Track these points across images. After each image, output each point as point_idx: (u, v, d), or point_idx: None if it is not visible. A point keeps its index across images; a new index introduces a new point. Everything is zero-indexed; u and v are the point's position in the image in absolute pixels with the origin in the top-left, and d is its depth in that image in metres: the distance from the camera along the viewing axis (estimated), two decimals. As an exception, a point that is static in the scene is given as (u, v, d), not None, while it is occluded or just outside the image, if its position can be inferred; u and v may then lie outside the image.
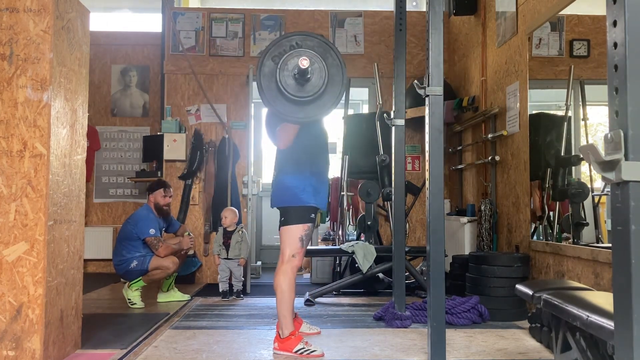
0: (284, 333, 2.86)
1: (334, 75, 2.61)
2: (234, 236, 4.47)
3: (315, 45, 2.61)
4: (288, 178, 2.95)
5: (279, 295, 2.88)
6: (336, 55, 2.64)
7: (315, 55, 2.57)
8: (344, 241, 5.20)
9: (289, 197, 2.92)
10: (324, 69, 2.57)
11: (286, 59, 2.55)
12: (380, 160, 4.67)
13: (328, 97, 2.61)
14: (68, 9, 2.72)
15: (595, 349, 1.84)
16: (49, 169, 2.52)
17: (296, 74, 2.53)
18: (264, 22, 5.88)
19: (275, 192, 3.01)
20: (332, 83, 2.60)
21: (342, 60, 2.64)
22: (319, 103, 2.61)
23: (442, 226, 2.63)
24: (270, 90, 2.61)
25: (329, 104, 2.63)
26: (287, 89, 2.56)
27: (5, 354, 2.44)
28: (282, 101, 2.61)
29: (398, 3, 3.64)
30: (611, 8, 1.20)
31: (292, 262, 2.89)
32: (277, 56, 2.58)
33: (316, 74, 2.56)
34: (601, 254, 2.88)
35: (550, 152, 3.78)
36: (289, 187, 2.93)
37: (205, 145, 5.70)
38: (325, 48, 2.62)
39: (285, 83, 2.55)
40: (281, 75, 2.55)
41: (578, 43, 3.56)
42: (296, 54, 2.55)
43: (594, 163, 1.20)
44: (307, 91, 2.57)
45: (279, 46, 2.60)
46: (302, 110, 2.62)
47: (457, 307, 3.51)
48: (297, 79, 2.54)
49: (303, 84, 2.56)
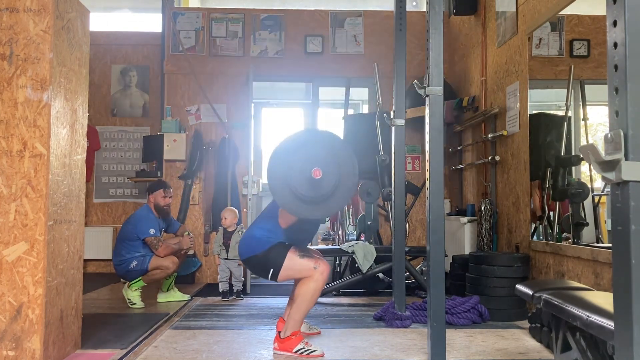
0: (287, 333, 2.85)
1: (346, 175, 2.60)
2: (234, 236, 4.47)
3: (321, 150, 2.60)
4: (258, 230, 2.89)
5: (300, 301, 2.79)
6: (350, 156, 2.62)
7: (327, 155, 2.57)
8: (344, 241, 5.20)
9: (255, 245, 2.84)
10: (335, 172, 2.56)
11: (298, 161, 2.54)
12: (380, 160, 4.67)
13: (337, 198, 2.61)
14: (68, 9, 2.72)
15: (595, 349, 1.84)
16: (49, 169, 2.52)
17: (309, 179, 2.53)
18: (264, 22, 5.88)
19: (241, 245, 2.93)
20: (344, 182, 2.60)
21: (354, 160, 2.62)
22: (333, 200, 2.60)
23: (442, 226, 2.63)
24: (283, 192, 2.59)
25: (338, 205, 2.65)
26: (302, 192, 2.55)
27: (5, 354, 2.44)
28: (292, 199, 2.59)
29: (398, 3, 3.64)
30: (611, 8, 1.20)
31: (320, 270, 2.78)
32: (285, 164, 2.56)
33: (327, 177, 2.55)
34: (601, 254, 2.88)
35: (550, 152, 3.78)
36: (256, 237, 2.86)
37: (205, 145, 5.70)
38: (342, 153, 2.62)
39: (301, 187, 2.55)
40: (294, 180, 2.54)
41: (578, 43, 3.56)
42: (306, 158, 2.54)
43: (594, 163, 1.20)
44: (323, 189, 2.56)
45: (287, 164, 2.57)
46: (313, 208, 2.61)
47: (457, 307, 3.51)
48: (311, 183, 2.53)
49: (315, 185, 2.55)
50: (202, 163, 5.67)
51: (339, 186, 2.58)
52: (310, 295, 2.78)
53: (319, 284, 2.78)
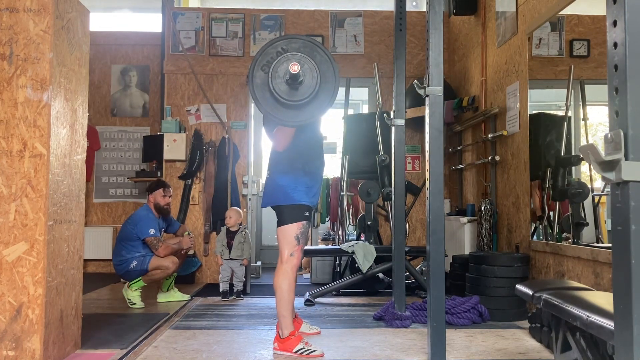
0: (284, 333, 2.86)
1: (326, 72, 2.59)
2: (237, 236, 4.47)
3: (300, 46, 2.60)
4: (280, 177, 2.94)
5: (279, 295, 2.88)
6: (324, 52, 2.62)
7: (303, 56, 2.56)
8: (344, 241, 5.20)
9: (281, 195, 2.92)
10: (314, 68, 2.56)
11: (275, 66, 2.54)
12: (380, 160, 4.67)
13: (323, 96, 2.60)
14: (68, 9, 2.72)
15: (595, 349, 1.84)
16: (49, 169, 2.52)
17: (288, 79, 2.52)
18: (264, 22, 5.88)
19: (267, 192, 3.00)
20: (325, 81, 2.59)
21: (330, 56, 2.63)
22: (315, 104, 2.60)
23: (442, 226, 2.63)
24: (265, 99, 2.60)
25: (325, 103, 2.62)
26: (282, 95, 2.54)
27: (5, 354, 2.44)
28: (278, 107, 2.60)
29: (398, 3, 3.64)
30: (611, 8, 1.20)
31: (291, 262, 2.88)
32: (266, 65, 2.57)
33: (308, 76, 2.55)
34: (601, 254, 2.88)
35: (550, 152, 3.78)
36: (280, 186, 2.92)
37: (205, 145, 5.70)
38: (311, 47, 2.60)
39: (279, 90, 2.54)
40: (274, 83, 2.54)
41: (578, 43, 3.56)
42: (284, 59, 2.54)
43: (594, 163, 1.20)
44: (301, 94, 2.56)
45: (265, 55, 2.59)
46: (299, 113, 2.61)
47: (457, 307, 3.51)
48: (290, 83, 2.53)
49: (297, 87, 2.54)
50: (202, 163, 5.67)
51: (319, 92, 2.58)
52: (286, 289, 2.87)
53: (288, 275, 2.88)
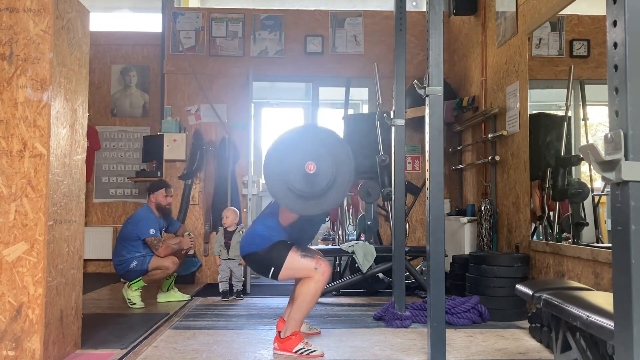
0: (287, 333, 2.85)
1: (342, 169, 2.60)
2: (234, 236, 4.47)
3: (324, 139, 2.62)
4: (261, 227, 2.89)
5: (302, 300, 2.78)
6: (346, 151, 2.63)
7: (322, 150, 2.57)
8: (344, 241, 5.20)
9: (258, 241, 2.83)
10: (330, 167, 2.56)
11: (289, 170, 2.54)
12: (380, 160, 4.67)
13: (334, 194, 2.60)
14: (68, 9, 2.72)
15: (595, 349, 1.84)
16: (49, 169, 2.52)
17: (304, 174, 2.52)
18: (264, 22, 5.88)
19: (243, 241, 2.93)
20: (341, 177, 2.60)
21: (350, 154, 2.63)
22: (331, 193, 2.60)
23: (442, 226, 2.63)
24: (284, 193, 2.59)
25: (334, 201, 2.64)
26: (300, 189, 2.55)
27: (5, 354, 2.44)
28: (295, 197, 2.59)
29: (398, 3, 3.64)
30: (611, 8, 1.20)
31: (320, 271, 2.77)
32: (280, 163, 2.57)
33: (323, 172, 2.54)
34: (601, 254, 2.88)
35: (550, 152, 3.78)
36: (260, 235, 2.85)
37: (205, 145, 5.70)
38: (342, 153, 2.63)
39: (298, 184, 2.55)
40: (291, 177, 2.54)
41: (578, 43, 3.56)
42: (307, 151, 2.54)
43: (594, 163, 1.20)
44: (319, 184, 2.56)
45: (279, 162, 2.57)
46: (314, 203, 2.60)
47: (457, 307, 3.51)
48: (305, 177, 2.53)
49: (310, 180, 2.55)
50: (202, 163, 5.67)
51: (335, 181, 2.58)
52: (311, 295, 2.77)
53: (320, 284, 2.77)
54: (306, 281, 2.79)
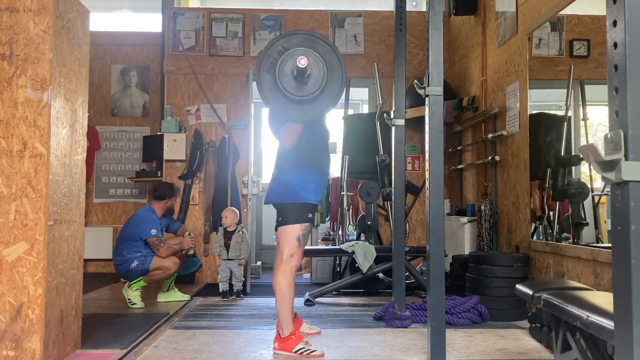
0: (284, 333, 2.86)
1: (331, 61, 2.59)
2: (234, 236, 4.47)
3: (300, 41, 2.60)
4: (289, 175, 2.93)
5: (279, 296, 2.88)
6: (325, 42, 2.62)
7: (306, 50, 2.56)
8: (344, 241, 5.20)
9: (288, 194, 2.89)
10: (319, 59, 2.56)
11: (281, 66, 2.54)
12: (380, 160, 4.67)
13: (332, 85, 2.60)
14: (68, 9, 2.72)
15: (595, 349, 1.84)
16: (49, 169, 2.52)
17: (296, 75, 2.52)
18: (264, 22, 5.88)
19: (272, 189, 2.97)
20: (332, 69, 2.59)
21: (332, 44, 2.64)
22: (326, 94, 2.60)
23: (442, 226, 2.63)
24: (277, 100, 2.60)
25: (335, 92, 2.62)
26: (293, 92, 2.55)
27: (5, 354, 2.44)
28: (290, 105, 2.60)
29: (398, 3, 3.64)
30: (611, 8, 1.20)
31: (291, 262, 2.88)
32: (271, 66, 2.57)
33: (314, 68, 2.55)
34: (601, 254, 2.88)
35: (550, 152, 3.78)
36: (288, 184, 2.90)
37: (205, 145, 5.70)
38: (311, 39, 2.61)
39: (289, 87, 2.55)
40: (283, 82, 2.54)
41: (578, 43, 3.56)
42: (288, 57, 2.54)
43: (594, 163, 1.20)
44: (311, 87, 2.56)
45: (267, 57, 2.59)
46: (312, 107, 2.61)
47: (457, 307, 3.51)
48: (299, 79, 2.53)
49: (306, 82, 2.55)
50: (202, 163, 5.67)
51: (326, 85, 2.58)
52: (286, 288, 2.87)
53: (287, 276, 2.87)
54: (276, 275, 2.90)
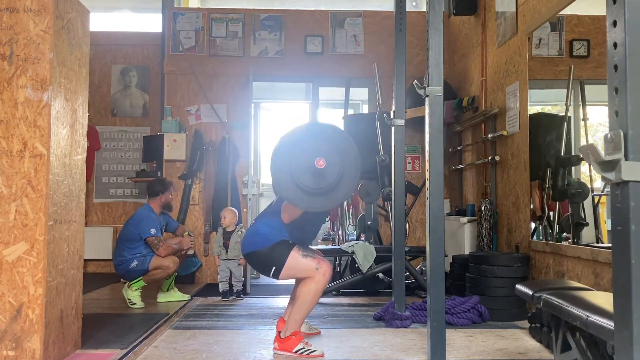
0: (287, 333, 2.85)
1: (341, 146, 2.61)
2: (233, 236, 4.47)
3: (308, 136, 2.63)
4: (263, 226, 2.89)
5: (303, 300, 2.78)
6: (327, 127, 2.65)
7: (315, 142, 2.58)
8: (344, 241, 5.20)
9: (259, 240, 2.83)
10: (339, 164, 2.56)
11: (295, 165, 2.55)
12: (380, 160, 4.67)
13: (341, 189, 2.61)
14: (68, 9, 2.72)
15: (595, 349, 1.84)
16: (49, 169, 2.52)
17: (311, 170, 2.52)
18: (264, 22, 5.88)
19: (245, 239, 2.93)
20: (346, 179, 2.60)
21: (335, 127, 2.67)
22: (346, 179, 2.61)
23: (442, 226, 2.63)
24: (300, 198, 2.60)
25: (344, 195, 2.65)
26: (315, 188, 2.55)
27: (5, 354, 2.44)
28: (295, 190, 2.59)
29: (398, 3, 3.64)
30: (611, 8, 1.20)
31: (321, 272, 2.77)
32: (285, 165, 2.57)
33: (330, 169, 2.54)
34: (601, 254, 2.88)
35: (550, 152, 3.78)
36: (262, 233, 2.85)
37: (205, 145, 5.70)
38: (344, 143, 2.65)
39: (311, 184, 2.56)
40: (303, 180, 2.54)
41: (578, 43, 3.56)
42: (299, 152, 2.54)
43: (594, 163, 1.20)
44: (330, 177, 2.56)
45: (278, 156, 2.58)
46: (313, 200, 2.60)
47: (457, 307, 3.51)
48: (317, 174, 2.53)
49: (318, 178, 2.55)
50: (202, 163, 5.67)
51: (342, 177, 2.58)
52: (312, 296, 2.77)
53: (320, 284, 2.77)
54: (307, 281, 2.78)
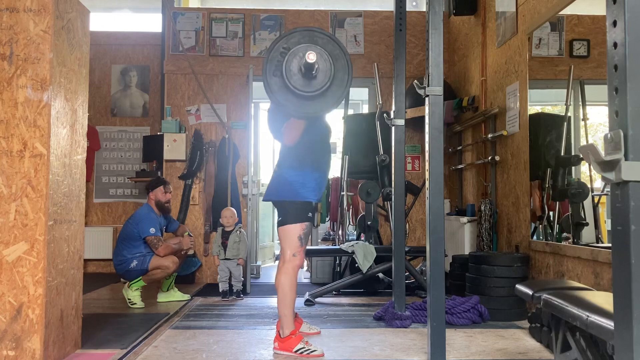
0: (285, 332, 2.86)
1: (333, 51, 2.56)
2: (231, 236, 4.47)
3: (300, 38, 2.55)
4: (289, 173, 2.92)
5: (281, 295, 2.88)
6: (324, 34, 2.59)
7: (308, 45, 2.52)
8: (344, 241, 5.20)
9: (288, 191, 2.89)
10: (322, 51, 2.53)
11: (287, 66, 2.51)
12: (380, 160, 4.67)
13: (340, 75, 2.58)
14: (68, 9, 2.72)
15: (595, 349, 1.84)
16: (49, 169, 2.52)
17: (304, 71, 2.49)
18: (264, 22, 5.88)
19: (273, 186, 2.97)
20: (337, 59, 2.56)
21: (331, 35, 2.61)
22: (334, 87, 2.57)
23: (442, 226, 2.63)
24: (289, 101, 2.57)
25: (344, 83, 2.59)
26: (304, 90, 2.52)
27: (5, 354, 2.44)
28: (290, 98, 2.57)
29: (398, 3, 3.64)
30: (611, 8, 1.20)
31: (294, 262, 2.88)
32: (277, 69, 2.53)
33: (320, 61, 2.52)
34: (601, 254, 2.88)
35: (550, 152, 3.78)
36: (289, 182, 2.90)
37: (205, 145, 5.70)
38: (310, 34, 2.57)
39: (300, 85, 2.52)
40: (292, 82, 2.51)
41: (578, 43, 3.56)
42: (292, 56, 2.51)
43: (594, 163, 1.20)
44: (320, 81, 2.53)
45: (271, 60, 2.54)
46: (322, 101, 2.59)
47: (457, 307, 3.51)
48: (307, 75, 2.50)
49: (315, 76, 2.52)
50: (202, 163, 5.67)
51: (333, 81, 2.55)
52: (287, 287, 2.88)
53: (289, 276, 2.88)
54: (278, 274, 2.91)
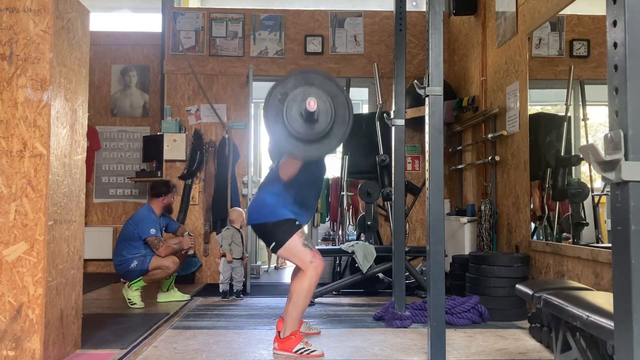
0: (286, 333, 2.85)
1: (331, 90, 2.55)
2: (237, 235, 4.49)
3: (296, 81, 2.54)
4: (268, 196, 2.88)
5: (296, 297, 2.82)
6: (317, 73, 2.58)
7: (306, 88, 2.52)
8: (344, 241, 5.20)
9: (266, 212, 2.84)
10: (321, 92, 2.52)
11: (288, 113, 2.49)
12: (380, 160, 4.67)
13: (338, 128, 2.57)
14: (68, 9, 2.72)
15: (595, 349, 1.84)
16: (49, 169, 2.52)
17: (306, 117, 2.49)
18: (264, 22, 5.88)
19: (252, 209, 2.93)
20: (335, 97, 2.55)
21: (325, 73, 2.60)
22: (337, 127, 2.56)
23: (442, 226, 2.63)
24: (295, 146, 2.55)
25: (341, 134, 2.59)
26: (308, 135, 2.51)
27: (5, 354, 2.44)
28: (294, 142, 2.55)
29: (398, 3, 3.64)
30: (611, 8, 1.20)
31: (314, 266, 2.82)
32: (278, 115, 2.51)
33: (320, 103, 2.51)
34: (601, 254, 2.88)
35: (550, 152, 3.78)
36: (267, 204, 2.86)
37: (205, 145, 5.70)
38: (304, 76, 2.55)
39: (304, 130, 2.51)
40: (296, 128, 2.50)
41: (578, 43, 3.56)
42: (292, 101, 2.49)
43: (594, 163, 1.20)
44: (323, 123, 2.52)
45: (270, 108, 2.52)
46: (316, 147, 2.57)
47: (457, 307, 3.51)
48: (309, 119, 2.50)
49: (316, 120, 2.51)
50: (202, 163, 5.67)
51: (334, 122, 2.55)
52: (305, 292, 2.82)
53: (312, 280, 2.82)
54: (300, 277, 2.84)
